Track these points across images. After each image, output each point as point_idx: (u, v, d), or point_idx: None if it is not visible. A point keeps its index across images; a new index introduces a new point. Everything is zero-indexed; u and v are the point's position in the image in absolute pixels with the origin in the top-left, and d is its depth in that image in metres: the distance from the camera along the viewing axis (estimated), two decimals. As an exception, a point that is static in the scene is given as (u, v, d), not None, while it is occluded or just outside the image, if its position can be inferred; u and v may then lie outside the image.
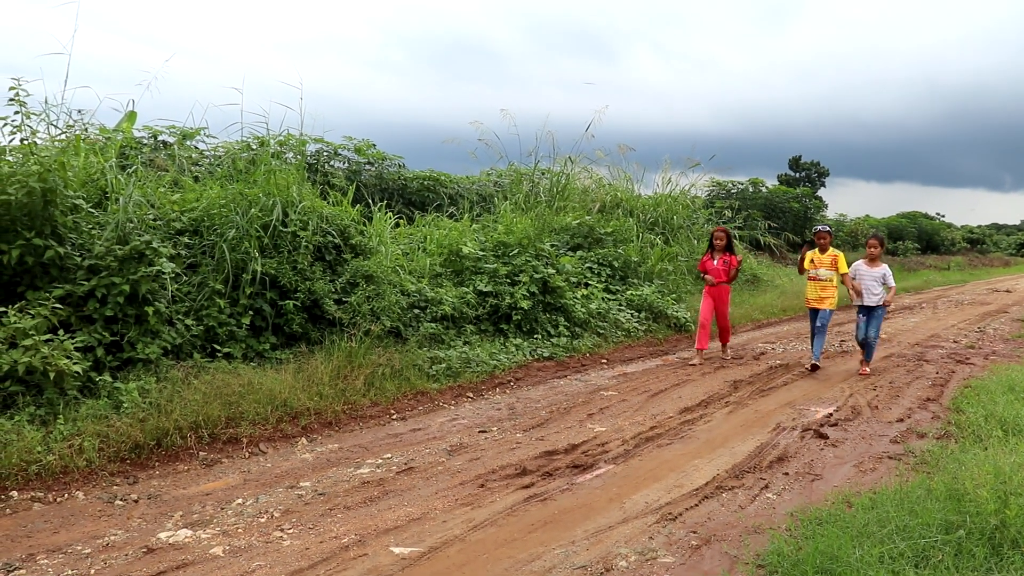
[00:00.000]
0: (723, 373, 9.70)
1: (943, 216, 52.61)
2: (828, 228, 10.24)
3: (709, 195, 26.85)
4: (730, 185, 30.79)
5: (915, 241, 42.17)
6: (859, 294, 9.70)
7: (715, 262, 10.85)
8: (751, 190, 31.42)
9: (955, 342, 12.62)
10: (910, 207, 52.10)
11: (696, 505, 5.09)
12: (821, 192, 48.96)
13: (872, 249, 9.82)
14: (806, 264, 10.13)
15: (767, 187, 32.97)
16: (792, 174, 53.62)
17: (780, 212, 30.88)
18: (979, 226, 55.79)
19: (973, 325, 15.03)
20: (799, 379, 9.36)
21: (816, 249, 10.16)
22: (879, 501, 4.68)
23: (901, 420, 7.32)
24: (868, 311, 9.78)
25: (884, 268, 9.79)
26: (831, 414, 7.55)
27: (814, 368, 9.91)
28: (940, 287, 26.34)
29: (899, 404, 7.98)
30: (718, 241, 10.91)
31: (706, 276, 10.95)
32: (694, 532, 4.64)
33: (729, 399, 8.18)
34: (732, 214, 22.50)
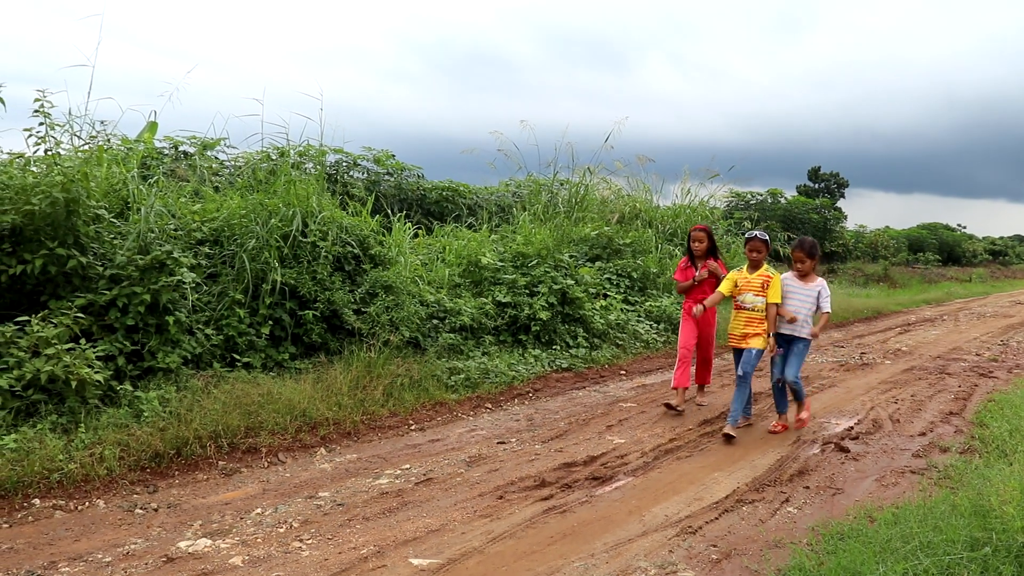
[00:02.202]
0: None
1: (964, 227, 52.26)
2: (764, 236, 7.41)
3: (728, 206, 26.79)
4: (749, 196, 30.70)
5: (936, 253, 41.87)
6: (791, 320, 7.22)
7: (696, 272, 8.34)
8: (770, 201, 31.31)
9: (978, 355, 12.49)
10: (930, 218, 51.83)
11: (716, 518, 5.05)
12: (840, 203, 48.72)
13: (799, 264, 7.31)
14: (727, 286, 7.44)
15: (786, 198, 32.86)
16: (811, 185, 53.42)
17: (799, 223, 30.73)
18: (1001, 237, 55.30)
19: (996, 338, 14.88)
20: (819, 391, 9.29)
21: (745, 267, 7.47)
22: (902, 516, 4.63)
23: (923, 434, 7.25)
24: (787, 342, 7.27)
25: (820, 285, 7.31)
26: (852, 427, 7.49)
27: (728, 439, 7.01)
28: (962, 299, 26.11)
29: (921, 418, 7.91)
30: (697, 244, 8.26)
31: (696, 281, 8.32)
32: (714, 546, 4.60)
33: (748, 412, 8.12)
34: (751, 225, 22.41)
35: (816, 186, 53.35)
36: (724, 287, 7.46)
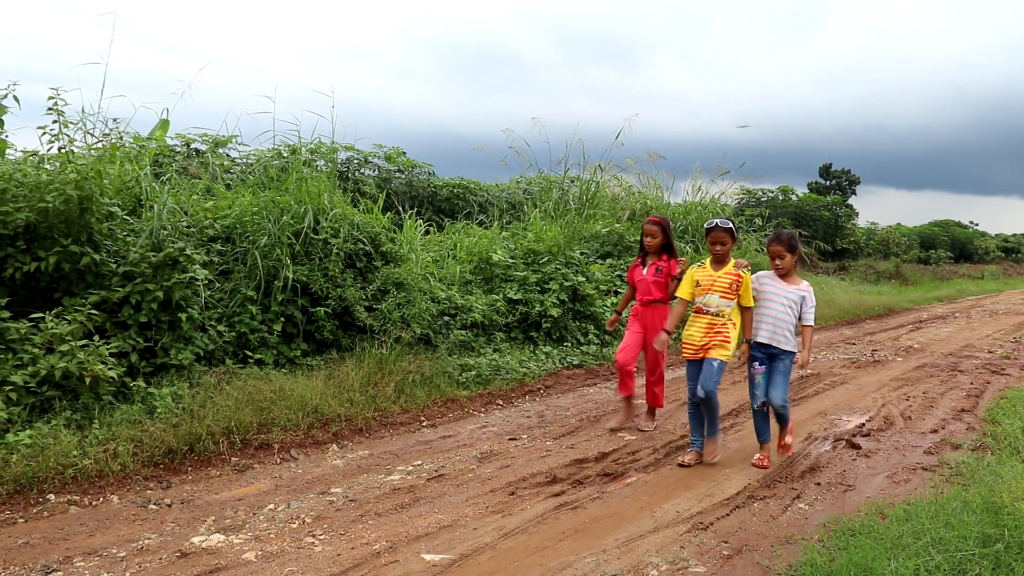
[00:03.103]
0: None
1: (977, 224, 52.00)
2: (728, 224, 6.07)
3: (739, 203, 26.72)
4: (760, 193, 30.60)
5: (948, 250, 41.69)
6: (803, 365, 6.08)
7: (644, 271, 7.17)
8: (781, 198, 31.20)
9: (990, 352, 12.44)
10: (942, 215, 51.41)
11: (727, 515, 5.05)
12: (852, 200, 48.51)
13: (778, 260, 6.08)
14: (686, 288, 6.27)
15: (797, 195, 32.75)
16: (822, 182, 53.21)
17: (811, 220, 30.64)
18: (1014, 234, 54.97)
19: (1008, 335, 14.82)
20: (830, 388, 9.27)
21: (706, 262, 6.26)
22: (914, 513, 4.62)
23: (935, 431, 7.23)
24: (770, 355, 6.06)
25: (805, 289, 6.15)
26: (863, 424, 7.47)
27: (685, 466, 6.09)
28: (974, 296, 26.02)
29: (933, 415, 7.89)
30: (649, 239, 7.10)
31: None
32: (725, 542, 4.61)
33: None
34: (763, 222, 22.34)
35: (827, 183, 53.13)
36: (684, 291, 6.27)
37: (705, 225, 6.25)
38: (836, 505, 5.25)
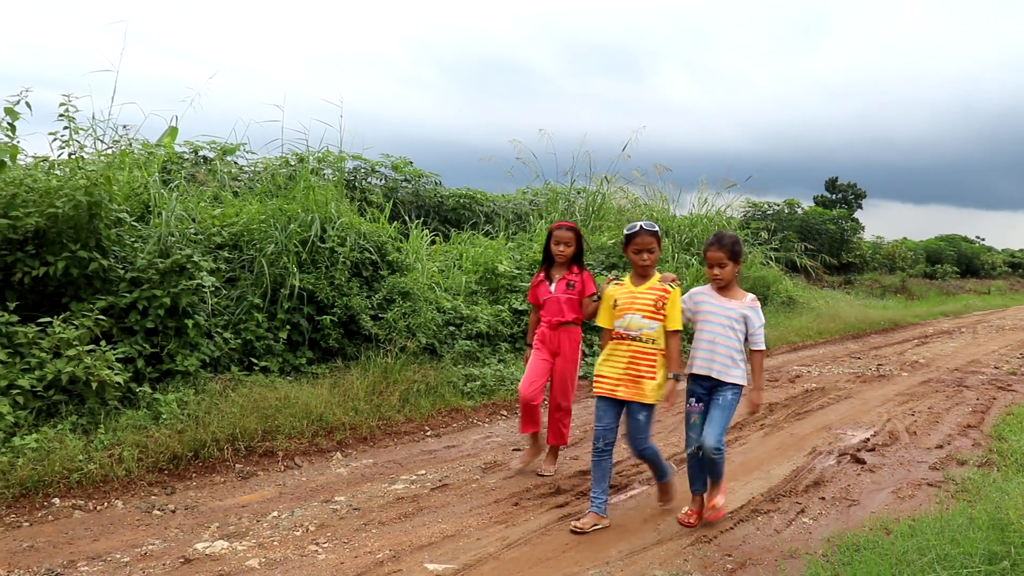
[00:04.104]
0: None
1: (983, 239, 51.89)
2: (654, 228, 5.04)
3: (745, 216, 26.73)
4: (766, 206, 30.61)
5: (954, 264, 41.60)
6: (752, 409, 5.19)
7: (552, 286, 6.08)
8: (787, 211, 31.20)
9: (996, 368, 12.41)
10: (948, 230, 51.33)
11: (731, 528, 5.05)
12: (857, 214, 48.52)
13: (716, 268, 4.94)
14: (606, 315, 5.18)
15: (803, 208, 32.75)
16: (828, 195, 53.25)
17: (816, 234, 30.65)
18: (1021, 249, 54.81)
19: (1015, 351, 14.78)
20: (835, 403, 9.26)
21: (624, 278, 5.22)
22: (919, 529, 4.61)
23: (940, 447, 7.21)
24: (708, 388, 5.01)
25: (749, 304, 5.02)
26: (868, 439, 7.46)
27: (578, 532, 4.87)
28: (980, 311, 25.95)
29: (938, 430, 7.87)
30: (562, 248, 6.01)
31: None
32: (729, 555, 4.60)
33: (764, 422, 8.11)
34: (768, 235, 22.35)
35: (833, 196, 53.20)
36: (604, 318, 5.19)
37: (625, 230, 5.13)
38: (840, 520, 5.24)
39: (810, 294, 21.67)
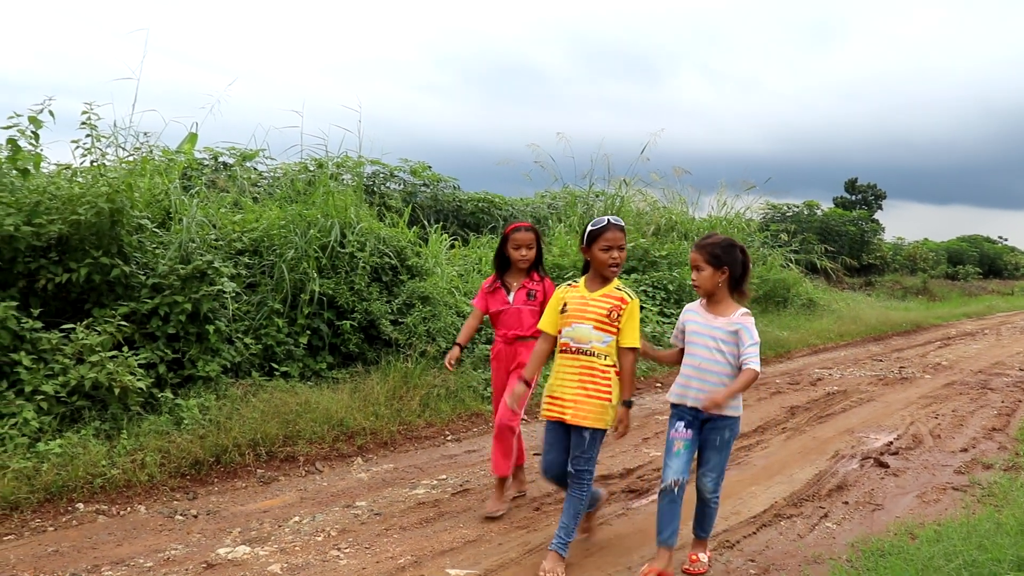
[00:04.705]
0: (779, 399, 9.55)
1: (1006, 239, 51.44)
2: (622, 223, 4.40)
3: (764, 218, 26.63)
4: (785, 208, 30.49)
5: (977, 265, 41.26)
6: (712, 404, 4.11)
7: (510, 295, 5.42)
8: (806, 213, 31.06)
9: (1021, 370, 12.28)
10: (969, 230, 50.90)
11: (754, 533, 5.02)
12: (878, 215, 48.18)
13: (694, 272, 4.29)
14: (551, 318, 4.48)
15: (822, 210, 32.60)
16: (848, 196, 52.88)
17: (836, 235, 30.50)
18: (1044, 250, 54.30)
19: (1039, 353, 14.63)
20: (857, 406, 9.19)
21: (580, 281, 4.49)
22: (945, 534, 4.56)
23: (965, 450, 7.14)
24: (695, 418, 4.28)
25: (739, 320, 4.19)
26: (892, 442, 7.39)
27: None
28: (1004, 312, 25.70)
29: (963, 433, 7.79)
30: (524, 251, 5.37)
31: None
32: (752, 560, 4.57)
33: (786, 425, 8.06)
34: (788, 237, 22.25)
35: (853, 198, 52.80)
36: (548, 321, 4.50)
37: (591, 225, 4.36)
38: (864, 525, 5.19)
39: (830, 296, 21.53)
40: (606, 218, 4.33)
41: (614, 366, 4.31)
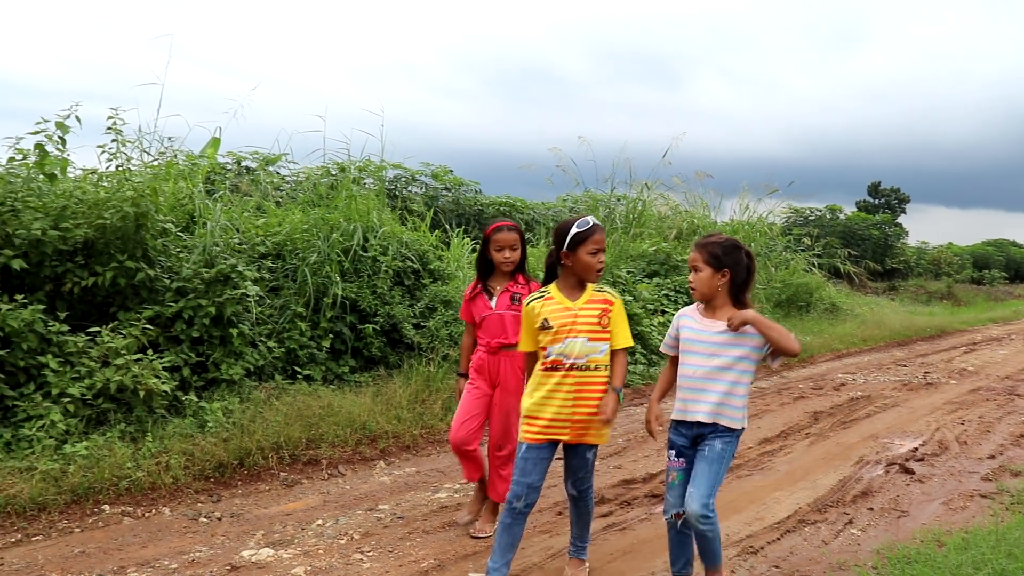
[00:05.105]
0: (803, 404, 9.48)
1: (1032, 244, 50.82)
2: (593, 222, 3.94)
3: (786, 222, 26.49)
4: (807, 212, 30.32)
5: (1002, 270, 40.82)
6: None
7: (493, 300, 4.91)
8: (829, 217, 30.88)
9: (1048, 376, 12.14)
10: (995, 234, 50.48)
11: (778, 539, 4.98)
12: (901, 219, 47.80)
13: (691, 274, 3.86)
14: (528, 337, 4.08)
15: (845, 214, 32.39)
16: (871, 200, 52.50)
17: (859, 239, 30.28)
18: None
19: (1066, 358, 14.45)
20: (882, 411, 9.11)
21: (551, 288, 4.05)
22: (973, 541, 4.51)
23: (992, 457, 7.06)
24: (691, 438, 3.87)
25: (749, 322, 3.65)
26: (917, 448, 7.32)
27: None
28: (1030, 318, 25.40)
29: (990, 440, 7.71)
30: (508, 253, 4.87)
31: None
32: (776, 567, 4.54)
33: (810, 430, 8.00)
34: (811, 241, 22.12)
35: (876, 202, 52.41)
36: (527, 342, 4.10)
37: (576, 227, 3.87)
38: (890, 531, 5.14)
39: (854, 301, 21.37)
40: (589, 219, 3.92)
41: (608, 376, 4.01)
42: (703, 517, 3.64)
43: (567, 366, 3.90)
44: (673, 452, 3.92)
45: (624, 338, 4.03)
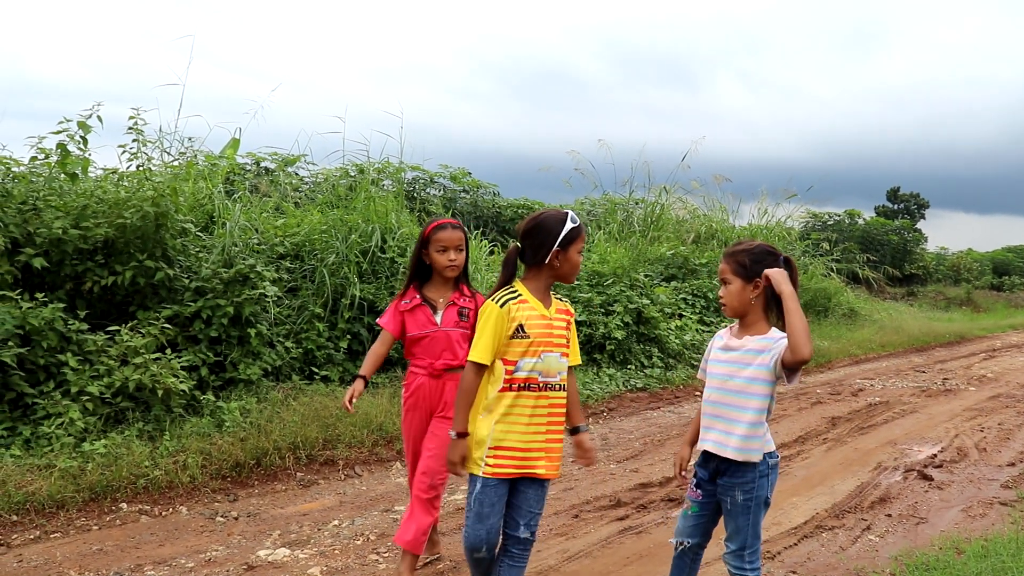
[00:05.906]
0: (820, 409, 9.42)
1: (1054, 250, 50.33)
2: (576, 221, 3.30)
3: (805, 227, 26.36)
4: (826, 216, 30.16)
5: (1022, 276, 40.45)
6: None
7: (438, 315, 4.19)
8: (847, 222, 30.70)
9: (1069, 383, 12.02)
10: (1016, 240, 49.86)
11: (795, 544, 4.95)
12: (920, 224, 47.43)
13: (721, 288, 3.41)
14: (488, 345, 3.21)
15: (864, 219, 32.20)
16: (890, 206, 52.15)
17: (879, 245, 30.09)
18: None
19: (1088, 366, 14.30)
20: (900, 417, 9.04)
21: (524, 291, 3.30)
22: (992, 549, 4.47)
23: (1012, 464, 6.99)
24: (711, 471, 3.43)
25: (773, 339, 3.24)
26: (935, 455, 7.27)
27: None
28: (1051, 325, 25.17)
29: (1009, 447, 7.64)
30: (449, 255, 4.14)
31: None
32: (793, 572, 4.51)
33: (827, 436, 7.95)
34: (829, 246, 22.01)
35: (895, 207, 52.03)
36: (483, 350, 3.23)
37: (569, 222, 3.28)
38: (908, 538, 5.11)
39: (872, 306, 21.23)
40: (571, 213, 3.32)
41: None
42: (738, 568, 3.38)
43: (540, 385, 3.29)
44: (694, 481, 3.51)
45: (577, 355, 3.53)
